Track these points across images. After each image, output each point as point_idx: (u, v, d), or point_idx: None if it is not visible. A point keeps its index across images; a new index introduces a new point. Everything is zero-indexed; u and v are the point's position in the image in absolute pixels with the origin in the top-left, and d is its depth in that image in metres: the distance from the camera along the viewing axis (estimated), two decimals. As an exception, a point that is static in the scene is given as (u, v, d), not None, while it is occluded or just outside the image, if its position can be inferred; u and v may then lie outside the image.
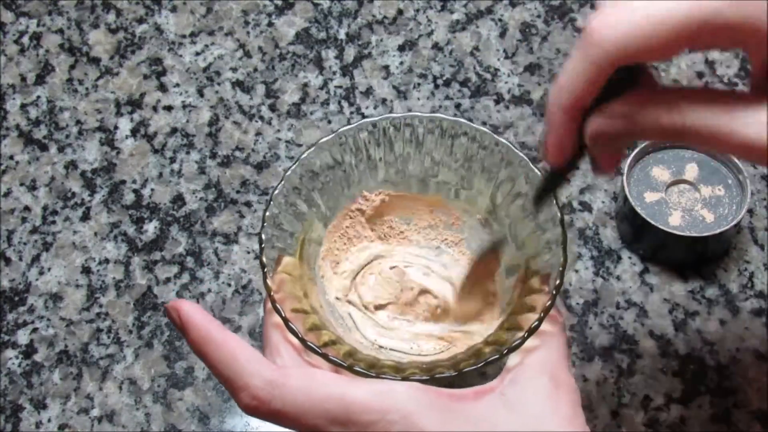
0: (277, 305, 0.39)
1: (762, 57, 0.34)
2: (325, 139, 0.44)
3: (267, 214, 0.42)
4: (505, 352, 0.38)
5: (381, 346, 0.45)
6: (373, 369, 0.38)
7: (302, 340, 0.38)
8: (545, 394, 0.37)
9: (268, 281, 0.40)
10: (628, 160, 0.59)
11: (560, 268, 0.40)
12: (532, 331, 0.38)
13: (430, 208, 0.49)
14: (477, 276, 0.46)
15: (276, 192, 0.43)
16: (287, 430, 0.37)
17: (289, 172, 0.43)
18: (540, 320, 0.38)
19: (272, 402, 0.36)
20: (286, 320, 0.39)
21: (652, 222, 0.57)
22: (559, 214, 0.41)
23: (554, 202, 0.42)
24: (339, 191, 0.46)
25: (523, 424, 0.36)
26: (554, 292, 0.39)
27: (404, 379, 0.37)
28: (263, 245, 0.41)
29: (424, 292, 0.47)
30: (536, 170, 0.43)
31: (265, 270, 0.40)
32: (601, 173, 0.39)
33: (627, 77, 0.35)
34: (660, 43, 0.33)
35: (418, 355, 0.45)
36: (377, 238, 0.49)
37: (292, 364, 0.39)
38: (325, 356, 0.38)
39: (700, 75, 0.68)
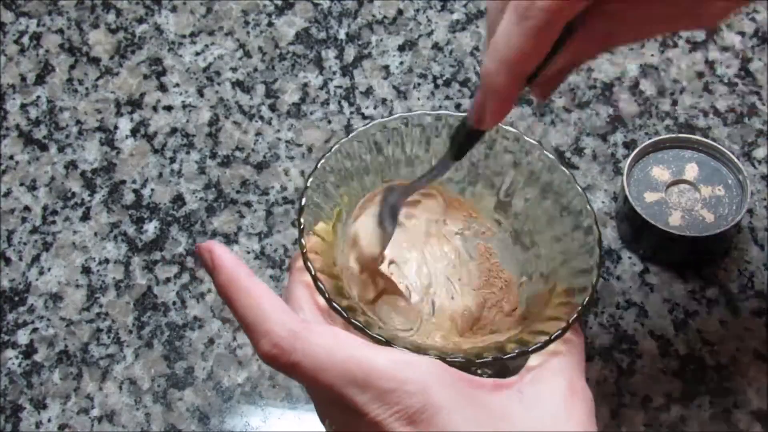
0: (309, 262, 0.39)
1: None
2: (383, 120, 0.44)
3: (311, 180, 0.42)
4: (531, 349, 0.38)
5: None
6: (393, 342, 0.37)
7: (328, 300, 0.38)
8: (562, 398, 0.37)
9: (303, 239, 0.40)
10: (628, 160, 0.59)
11: (592, 284, 0.40)
12: (559, 335, 0.38)
13: (467, 212, 0.48)
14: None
15: (328, 154, 0.43)
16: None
17: (344, 140, 0.43)
18: (568, 326, 0.38)
19: (293, 353, 0.35)
20: (315, 278, 0.38)
21: (652, 222, 0.57)
22: (597, 235, 0.42)
23: (589, 209, 0.42)
24: (378, 177, 0.46)
25: (537, 423, 0.36)
26: (584, 303, 0.40)
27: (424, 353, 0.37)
28: (304, 204, 0.41)
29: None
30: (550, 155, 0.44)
31: (302, 228, 0.40)
32: (543, 100, 0.40)
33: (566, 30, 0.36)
34: None
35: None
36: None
37: (313, 322, 0.38)
38: (348, 320, 0.37)
39: (700, 75, 0.68)
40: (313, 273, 0.38)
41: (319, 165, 0.43)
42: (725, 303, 0.59)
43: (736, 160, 0.59)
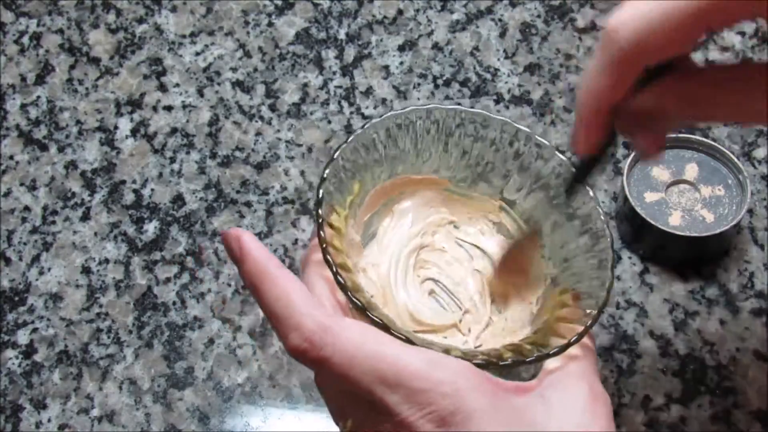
0: (329, 257, 0.38)
1: None
2: (399, 112, 0.44)
3: (327, 171, 0.41)
4: (552, 353, 0.37)
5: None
6: (413, 341, 0.36)
7: (349, 297, 0.37)
8: (585, 404, 0.36)
9: (323, 232, 0.39)
10: (628, 161, 0.59)
11: (607, 288, 0.40)
12: (578, 339, 0.38)
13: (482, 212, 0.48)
14: (514, 258, 0.45)
15: (344, 145, 0.42)
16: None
17: (360, 131, 0.43)
18: (587, 329, 0.38)
19: (323, 349, 0.35)
20: (336, 273, 0.37)
21: (652, 222, 0.57)
22: (609, 237, 0.41)
23: (599, 212, 0.42)
24: (393, 168, 0.46)
25: (563, 426, 0.35)
26: (601, 307, 0.39)
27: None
28: (322, 196, 0.40)
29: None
30: (562, 157, 0.44)
31: (321, 221, 0.39)
32: (646, 157, 0.40)
33: (664, 65, 0.35)
34: (677, 32, 0.33)
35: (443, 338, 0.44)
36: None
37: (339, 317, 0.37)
38: (370, 317, 0.37)
39: (700, 75, 0.68)
40: (334, 269, 0.38)
41: (336, 155, 0.42)
42: (725, 303, 0.59)
43: (736, 160, 0.59)
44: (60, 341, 0.59)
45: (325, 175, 0.41)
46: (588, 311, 0.40)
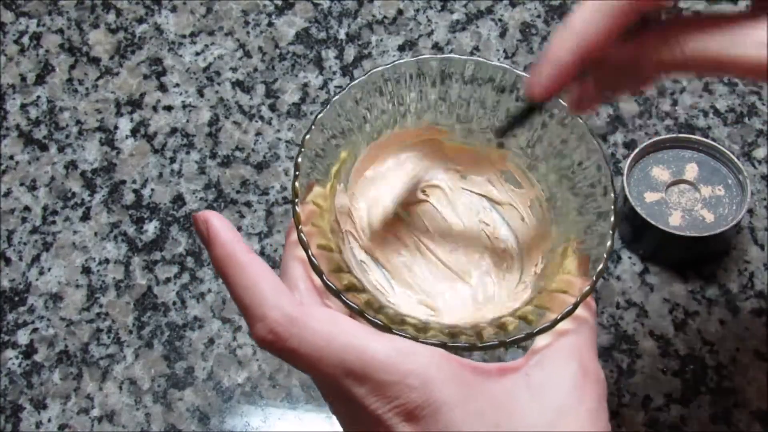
0: (304, 239, 0.36)
1: None
2: (378, 69, 0.42)
3: (307, 137, 0.39)
4: (536, 332, 0.35)
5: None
6: (393, 324, 0.35)
7: (324, 282, 0.36)
8: (572, 383, 0.34)
9: (298, 209, 0.37)
10: (628, 161, 0.59)
11: (605, 255, 0.38)
12: (566, 315, 0.36)
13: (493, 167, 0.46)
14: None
15: (320, 116, 0.40)
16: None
17: (336, 97, 0.41)
18: (576, 305, 0.36)
19: (289, 340, 0.34)
20: (311, 257, 0.36)
21: (652, 222, 0.57)
22: (613, 198, 0.39)
23: (603, 167, 0.40)
24: (389, 121, 0.43)
25: (545, 411, 0.34)
26: (595, 278, 0.37)
27: (424, 341, 0.34)
28: (298, 171, 0.38)
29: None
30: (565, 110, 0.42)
31: (296, 199, 0.37)
32: (577, 111, 0.39)
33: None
34: None
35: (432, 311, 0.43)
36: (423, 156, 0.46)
37: (309, 303, 0.36)
38: (345, 303, 0.35)
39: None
40: (309, 252, 0.36)
41: (313, 126, 0.40)
42: (725, 303, 0.59)
43: (736, 160, 0.59)
44: (60, 341, 0.59)
45: (302, 149, 0.39)
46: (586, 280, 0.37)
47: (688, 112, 0.66)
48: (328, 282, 0.36)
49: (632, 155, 0.59)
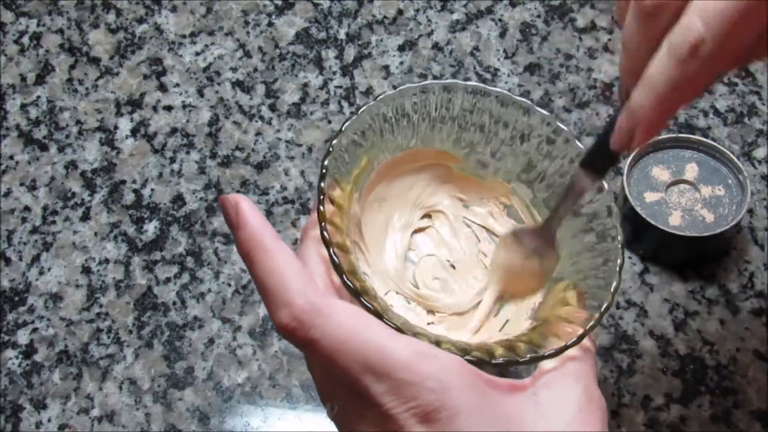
0: (327, 236, 0.36)
1: None
2: (411, 86, 0.43)
3: (335, 142, 0.39)
4: (546, 355, 0.36)
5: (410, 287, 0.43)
6: (408, 332, 0.35)
7: (344, 282, 0.36)
8: (578, 406, 0.36)
9: (322, 207, 0.37)
10: (628, 160, 0.59)
11: (612, 291, 0.39)
12: (575, 343, 0.37)
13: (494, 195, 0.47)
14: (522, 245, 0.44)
15: (354, 118, 0.41)
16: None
17: (364, 107, 0.41)
18: (585, 334, 0.37)
19: (312, 330, 0.33)
20: (332, 255, 0.36)
21: (652, 222, 0.57)
22: (620, 239, 0.40)
23: (612, 208, 0.41)
24: (404, 141, 0.44)
25: (553, 430, 0.35)
26: (603, 310, 0.38)
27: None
28: (325, 171, 0.38)
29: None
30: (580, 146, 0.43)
31: (322, 197, 0.38)
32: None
33: None
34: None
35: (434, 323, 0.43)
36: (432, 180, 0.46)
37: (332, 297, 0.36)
38: (363, 303, 0.35)
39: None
40: (331, 249, 0.36)
41: (344, 128, 0.40)
42: (725, 303, 0.59)
43: (736, 160, 0.59)
44: (60, 341, 0.59)
45: (331, 148, 0.39)
46: (590, 314, 0.39)
47: (688, 112, 0.66)
48: (348, 281, 0.36)
49: (632, 155, 0.59)
